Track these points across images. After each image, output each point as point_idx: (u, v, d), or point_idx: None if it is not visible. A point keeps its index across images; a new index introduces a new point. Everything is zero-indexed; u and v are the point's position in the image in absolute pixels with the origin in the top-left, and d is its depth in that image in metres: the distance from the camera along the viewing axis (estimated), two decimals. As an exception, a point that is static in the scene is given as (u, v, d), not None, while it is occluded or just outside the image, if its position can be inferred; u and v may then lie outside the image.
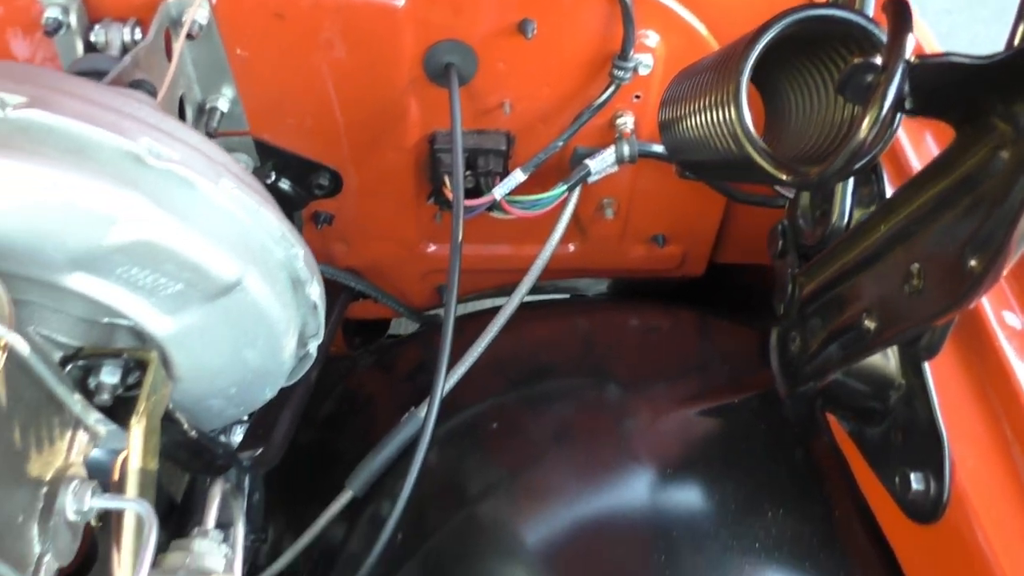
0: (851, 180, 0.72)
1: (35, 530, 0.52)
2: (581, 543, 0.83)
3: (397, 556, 0.88)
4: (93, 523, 0.57)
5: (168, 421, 0.67)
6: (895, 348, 0.67)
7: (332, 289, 1.15)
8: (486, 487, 0.89)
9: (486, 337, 0.95)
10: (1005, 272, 0.48)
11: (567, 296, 1.36)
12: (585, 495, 0.86)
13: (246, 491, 0.85)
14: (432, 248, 1.17)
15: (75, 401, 0.55)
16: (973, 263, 0.49)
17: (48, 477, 0.53)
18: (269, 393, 0.74)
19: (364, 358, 1.37)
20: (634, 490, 0.85)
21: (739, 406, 0.87)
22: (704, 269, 1.23)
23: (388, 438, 0.92)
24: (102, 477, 0.59)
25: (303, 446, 1.09)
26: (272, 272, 0.63)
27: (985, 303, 0.67)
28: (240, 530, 0.76)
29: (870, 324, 0.59)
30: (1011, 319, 0.67)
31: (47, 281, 0.56)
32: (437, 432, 0.94)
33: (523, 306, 1.03)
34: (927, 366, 0.65)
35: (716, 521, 0.78)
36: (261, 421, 0.89)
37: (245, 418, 0.86)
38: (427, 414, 0.85)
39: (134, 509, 0.55)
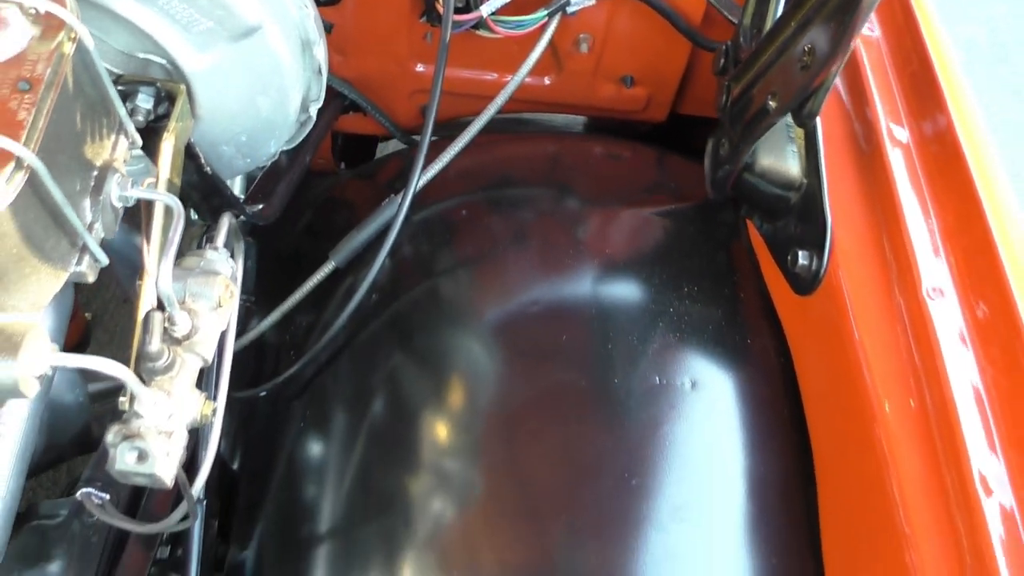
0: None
1: (88, 201, 0.65)
2: (530, 320, 0.97)
3: (367, 317, 1.03)
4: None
5: (188, 157, 0.80)
6: (800, 152, 0.81)
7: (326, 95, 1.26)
8: (451, 266, 1.03)
9: (464, 138, 1.07)
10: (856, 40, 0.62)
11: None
12: (537, 281, 1.00)
13: (243, 248, 0.99)
14: (420, 68, 1.27)
15: (121, 106, 0.67)
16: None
17: (98, 163, 0.66)
18: (274, 147, 0.86)
19: (347, 174, 1.49)
20: (579, 279, 0.99)
21: (676, 212, 1.01)
22: (666, 115, 1.35)
23: (369, 219, 1.05)
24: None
25: (287, 244, 1.23)
26: (287, 29, 0.74)
27: (880, 118, 0.80)
28: (240, 267, 0.89)
29: (772, 103, 0.73)
30: (899, 133, 0.80)
31: (102, 4, 0.67)
32: (412, 218, 1.07)
33: (499, 129, 1.15)
34: (823, 165, 0.79)
35: (643, 300, 0.93)
36: (261, 188, 1.01)
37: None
38: (403, 194, 0.98)
39: (164, 201, 0.68)
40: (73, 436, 1.12)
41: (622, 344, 0.89)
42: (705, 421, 0.81)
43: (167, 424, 0.68)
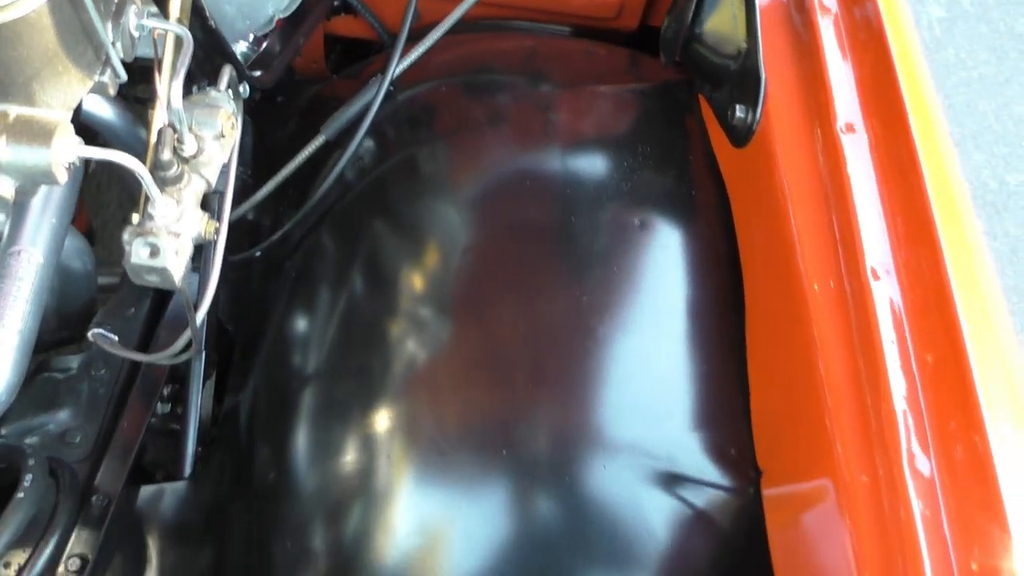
0: None
1: (110, 24, 0.74)
2: (501, 189, 1.08)
3: (353, 184, 1.13)
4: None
5: (193, 13, 0.89)
6: (740, 18, 0.91)
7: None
8: (429, 140, 1.13)
9: (444, 25, 1.16)
10: None
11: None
12: (509, 155, 1.10)
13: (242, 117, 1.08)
14: (408, -30, 1.36)
15: (137, -56, 0.76)
16: None
17: (118, -7, 0.75)
18: (271, 9, 0.95)
19: (336, 77, 1.58)
20: (548, 152, 1.09)
21: (637, 91, 1.10)
22: (638, 23, 1.44)
23: (357, 96, 1.15)
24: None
25: (281, 136, 1.32)
26: None
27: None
28: (238, 126, 0.99)
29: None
30: (829, 3, 0.90)
31: None
32: (396, 97, 1.17)
33: (479, 26, 1.24)
34: (759, 28, 0.89)
35: (603, 166, 1.03)
36: (258, 62, 1.11)
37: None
38: (385, 65, 1.08)
39: (175, 31, 0.78)
40: (81, 308, 1.22)
41: (582, 199, 0.99)
42: (652, 253, 0.91)
43: (176, 226, 0.78)
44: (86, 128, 0.86)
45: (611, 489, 0.83)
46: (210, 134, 0.83)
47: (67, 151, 0.69)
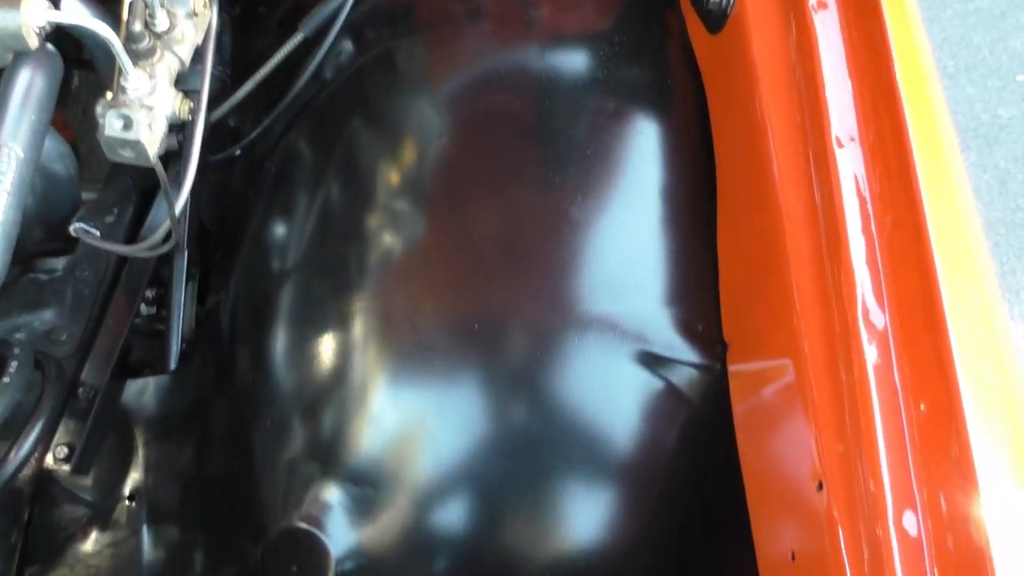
0: None
1: None
2: (478, 85, 1.07)
3: (331, 81, 1.12)
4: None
5: None
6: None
7: None
8: (407, 33, 1.13)
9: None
10: None
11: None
12: (487, 50, 1.10)
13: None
14: None
15: None
16: None
17: None
18: None
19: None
20: (526, 48, 1.09)
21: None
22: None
23: (337, -7, 1.14)
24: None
25: (261, 41, 1.31)
26: None
27: None
28: (213, 9, 0.98)
29: None
30: None
31: None
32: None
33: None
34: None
35: (581, 58, 1.03)
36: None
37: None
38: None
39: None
40: (64, 215, 1.23)
41: (559, 88, 0.99)
42: (626, 139, 0.92)
43: (149, 100, 0.79)
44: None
45: (583, 363, 0.85)
46: (183, 11, 0.83)
47: (37, 14, 0.69)
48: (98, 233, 1.08)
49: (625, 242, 0.88)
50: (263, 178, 1.14)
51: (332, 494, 0.87)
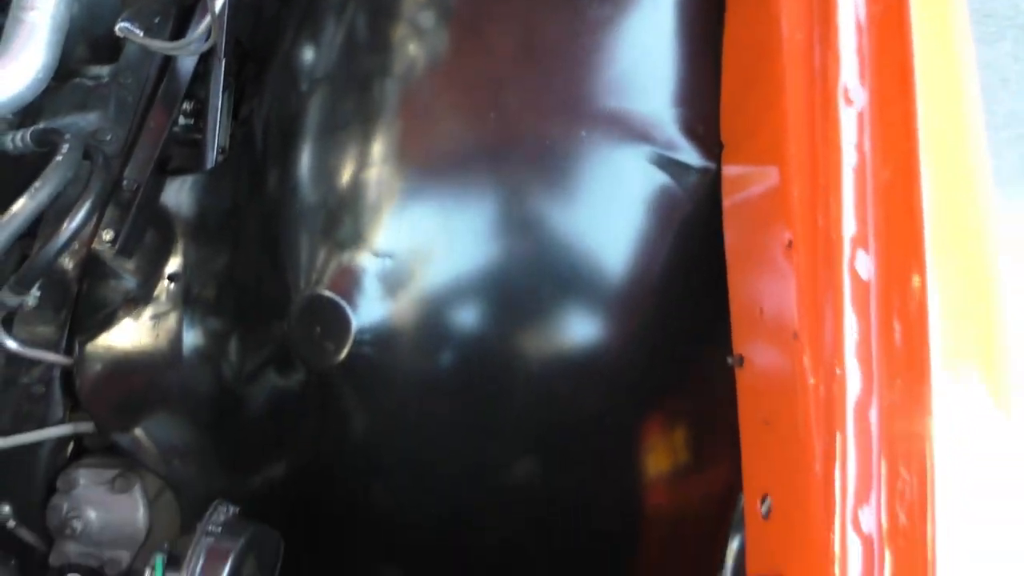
0: None
1: None
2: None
3: None
4: None
5: None
6: None
7: None
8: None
9: None
10: None
11: None
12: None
13: None
14: None
15: None
16: None
17: None
18: None
19: None
20: None
21: None
22: None
23: None
24: None
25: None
26: None
27: None
28: None
29: None
30: None
31: None
32: None
33: None
34: None
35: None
36: None
37: None
38: None
39: None
40: (107, 29, 1.28)
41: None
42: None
43: None
44: None
45: (590, 156, 0.91)
46: None
47: None
48: (141, 32, 1.14)
49: (638, 44, 0.94)
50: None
51: (358, 266, 0.95)
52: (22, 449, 1.09)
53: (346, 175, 1.02)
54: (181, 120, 1.31)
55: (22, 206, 1.00)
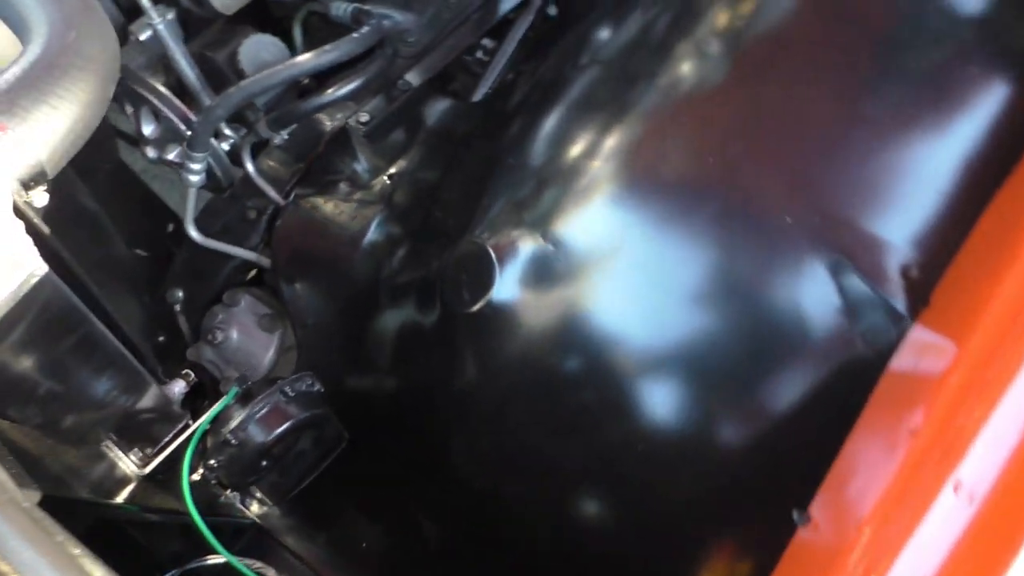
0: None
1: None
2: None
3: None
4: None
5: None
6: None
7: None
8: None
9: None
10: None
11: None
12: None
13: None
14: None
15: None
16: None
17: None
18: None
19: None
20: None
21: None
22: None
23: None
24: None
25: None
26: None
27: None
28: None
29: None
30: None
31: None
32: None
33: None
34: None
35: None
36: None
37: None
38: None
39: None
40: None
41: (929, 14, 0.94)
42: (972, 86, 0.87)
43: None
44: None
45: (793, 249, 0.85)
46: None
47: None
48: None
49: (902, 168, 0.85)
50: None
51: (527, 240, 0.97)
52: (215, 254, 1.24)
53: (570, 155, 1.02)
54: (477, 54, 1.39)
55: (305, 59, 1.12)
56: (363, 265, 1.18)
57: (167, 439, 1.11)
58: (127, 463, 0.93)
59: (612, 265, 0.96)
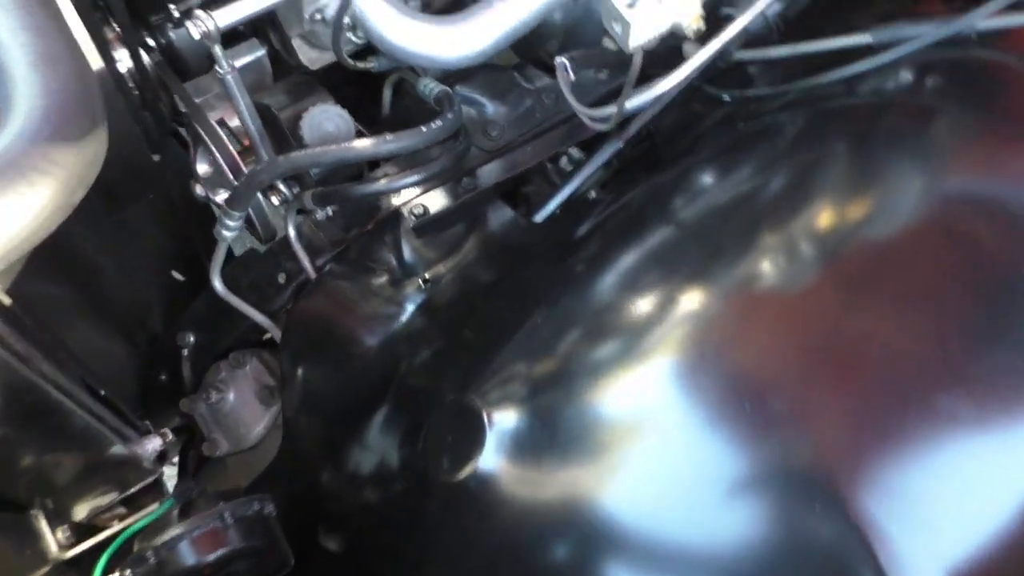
0: None
1: None
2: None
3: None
4: None
5: None
6: None
7: None
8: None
9: None
10: None
11: None
12: None
13: None
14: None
15: None
16: None
17: None
18: None
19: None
20: None
21: None
22: None
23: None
24: None
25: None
26: None
27: None
28: None
29: None
30: None
31: None
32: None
33: None
34: None
35: None
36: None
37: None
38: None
39: None
40: (593, 39, 1.28)
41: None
42: None
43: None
44: None
45: (808, 519, 0.72)
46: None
47: None
48: (572, 76, 1.10)
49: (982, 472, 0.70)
50: (723, 129, 1.09)
51: (530, 404, 0.85)
52: (232, 309, 1.17)
53: (624, 311, 0.91)
54: (563, 162, 1.29)
55: (364, 146, 1.03)
56: (377, 362, 1.09)
57: (134, 489, 1.04)
58: (49, 540, 0.86)
59: (638, 446, 0.84)
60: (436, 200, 1.16)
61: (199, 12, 0.97)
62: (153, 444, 1.09)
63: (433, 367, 1.04)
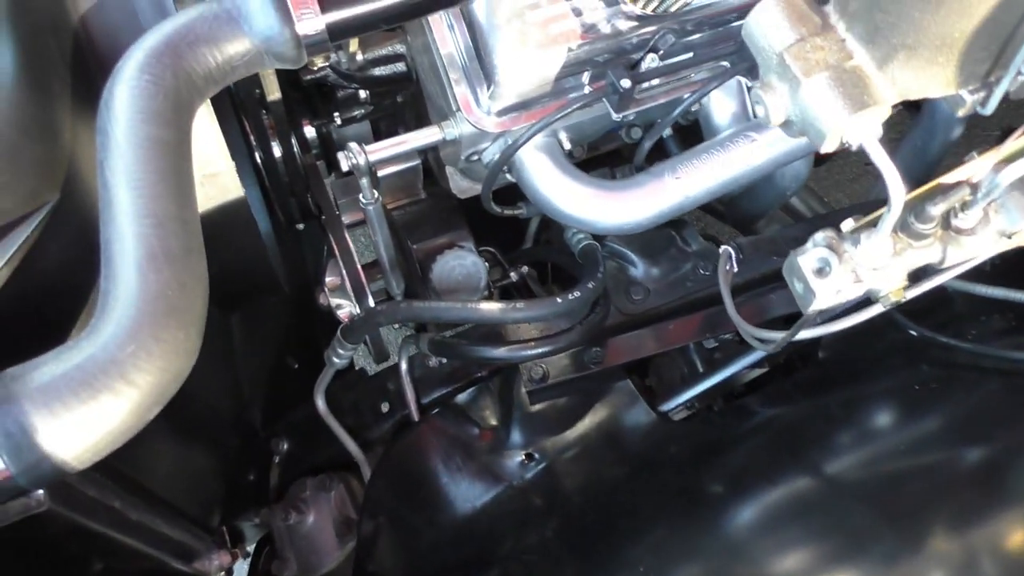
0: None
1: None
2: None
3: None
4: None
5: None
6: None
7: None
8: None
9: None
10: None
11: None
12: None
13: None
14: None
15: None
16: None
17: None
18: None
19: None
20: None
21: None
22: None
23: None
24: None
25: None
26: None
27: None
28: None
29: None
30: None
31: None
32: None
33: None
34: None
35: None
36: None
37: None
38: None
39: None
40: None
41: None
42: None
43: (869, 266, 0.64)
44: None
45: None
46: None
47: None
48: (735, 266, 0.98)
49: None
50: (903, 363, 0.95)
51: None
52: (328, 430, 1.13)
53: (744, 559, 0.80)
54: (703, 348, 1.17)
55: (490, 309, 0.95)
56: (474, 533, 1.01)
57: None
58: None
59: None
60: (558, 365, 1.07)
61: (352, 145, 0.94)
62: (220, 561, 1.06)
63: (548, 554, 0.95)
